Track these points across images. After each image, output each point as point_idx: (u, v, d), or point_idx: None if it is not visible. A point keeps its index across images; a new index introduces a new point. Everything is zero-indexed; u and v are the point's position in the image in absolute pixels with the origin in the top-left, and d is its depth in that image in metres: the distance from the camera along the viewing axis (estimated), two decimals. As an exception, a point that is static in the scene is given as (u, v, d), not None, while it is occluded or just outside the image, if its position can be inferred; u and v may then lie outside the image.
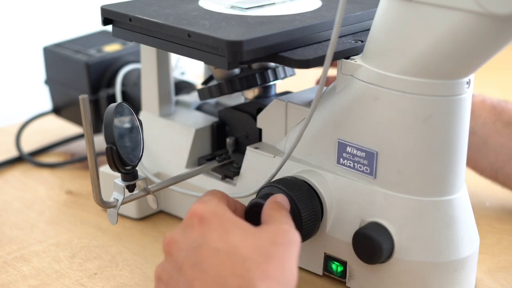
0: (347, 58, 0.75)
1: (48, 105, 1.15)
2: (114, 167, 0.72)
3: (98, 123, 1.05)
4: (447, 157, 0.72)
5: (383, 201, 0.74)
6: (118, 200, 0.75)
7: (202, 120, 0.92)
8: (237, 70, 0.87)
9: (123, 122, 0.73)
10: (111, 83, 1.05)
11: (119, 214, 0.77)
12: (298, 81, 0.98)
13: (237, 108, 0.88)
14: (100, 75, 1.05)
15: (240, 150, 0.88)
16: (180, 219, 0.91)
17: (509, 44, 0.67)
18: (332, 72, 0.97)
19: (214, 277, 0.60)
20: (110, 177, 0.84)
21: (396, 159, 0.73)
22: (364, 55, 0.74)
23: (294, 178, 0.77)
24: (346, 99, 0.74)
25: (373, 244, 0.72)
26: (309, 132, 0.77)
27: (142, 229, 0.90)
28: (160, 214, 0.93)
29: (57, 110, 1.12)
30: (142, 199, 0.80)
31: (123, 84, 1.04)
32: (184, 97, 0.97)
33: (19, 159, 1.08)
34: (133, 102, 1.00)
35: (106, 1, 0.85)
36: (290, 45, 0.75)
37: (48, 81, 1.11)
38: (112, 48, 1.08)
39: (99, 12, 0.83)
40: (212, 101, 0.97)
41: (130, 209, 0.91)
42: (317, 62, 0.73)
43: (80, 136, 1.13)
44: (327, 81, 0.99)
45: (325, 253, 0.79)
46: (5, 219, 0.93)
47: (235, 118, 0.88)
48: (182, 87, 1.00)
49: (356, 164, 0.75)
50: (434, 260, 0.73)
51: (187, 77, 1.05)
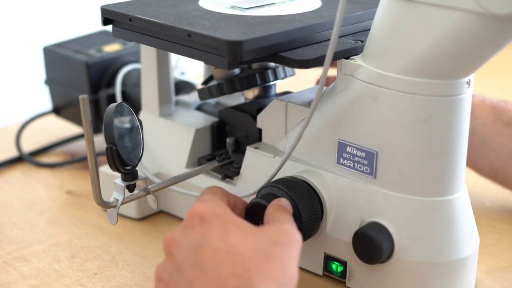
0: (347, 58, 0.75)
1: (48, 105, 1.15)
2: (114, 167, 0.72)
3: (98, 123, 1.05)
4: (447, 157, 0.72)
5: (383, 201, 0.74)
6: (118, 200, 0.75)
7: (202, 120, 0.92)
8: (237, 70, 0.87)
9: (123, 122, 0.73)
10: (111, 83, 1.05)
11: (119, 214, 0.77)
12: (298, 81, 0.98)
13: (237, 108, 0.88)
14: (100, 75, 1.05)
15: (240, 150, 0.88)
16: (180, 219, 0.91)
17: (509, 44, 0.67)
18: (332, 72, 0.97)
19: (214, 277, 0.60)
20: (110, 177, 0.84)
21: (396, 159, 0.73)
22: (364, 55, 0.74)
23: (294, 178, 0.77)
24: (346, 99, 0.74)
25: (373, 244, 0.72)
26: (309, 132, 0.77)
27: (142, 229, 0.90)
28: (160, 214, 0.93)
29: (57, 110, 1.12)
30: (142, 199, 0.80)
31: (123, 84, 1.04)
32: (184, 97, 0.97)
33: (19, 159, 1.08)
34: (133, 102, 1.00)
35: (106, 1, 0.85)
36: (290, 45, 0.75)
37: (48, 81, 1.11)
38: (112, 48, 1.08)
39: (99, 12, 0.83)
40: (212, 101, 0.97)
41: (130, 209, 0.91)
42: (317, 62, 0.73)
43: (80, 136, 1.13)
44: (327, 81, 0.99)
45: (325, 253, 0.79)
46: (5, 219, 0.93)
47: (235, 118, 0.88)
48: (182, 87, 1.00)
49: (356, 164, 0.75)
50: (434, 260, 0.73)
51: (187, 77, 1.04)
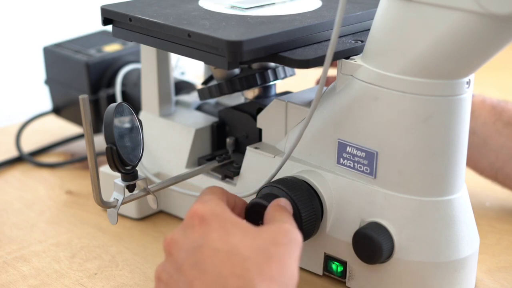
0: (347, 58, 0.75)
1: (48, 105, 1.15)
2: (114, 167, 0.72)
3: (98, 123, 1.05)
4: (447, 157, 0.72)
5: (383, 201, 0.74)
6: (118, 200, 0.75)
7: (202, 120, 0.92)
8: (237, 70, 0.87)
9: (123, 122, 0.73)
10: (111, 83, 1.05)
11: (119, 214, 0.77)
12: (298, 81, 0.98)
13: (237, 108, 0.88)
14: (100, 75, 1.05)
15: (240, 150, 0.88)
16: (180, 219, 0.91)
17: (509, 44, 0.67)
18: (332, 72, 0.97)
19: (214, 277, 0.60)
20: (110, 177, 0.84)
21: (396, 159, 0.73)
22: (364, 55, 0.74)
23: (294, 178, 0.77)
24: (346, 99, 0.74)
25: (373, 244, 0.72)
26: (309, 132, 0.77)
27: (142, 229, 0.90)
28: (160, 214, 0.93)
29: (57, 110, 1.12)
30: (142, 199, 0.80)
31: (123, 84, 1.04)
32: (184, 97, 0.97)
33: (19, 159, 1.08)
34: (133, 102, 1.00)
35: (106, 1, 0.85)
36: (290, 45, 0.75)
37: (48, 81, 1.11)
38: (112, 48, 1.08)
39: (99, 12, 0.83)
40: (212, 101, 0.97)
41: (130, 209, 0.91)
42: (317, 62, 0.73)
43: (80, 136, 1.13)
44: (327, 81, 0.99)
45: (325, 253, 0.79)
46: (5, 219, 0.93)
47: (235, 118, 0.88)
48: (182, 87, 1.00)
49: (356, 164, 0.75)
50: (434, 260, 0.73)
51: (187, 77, 1.04)
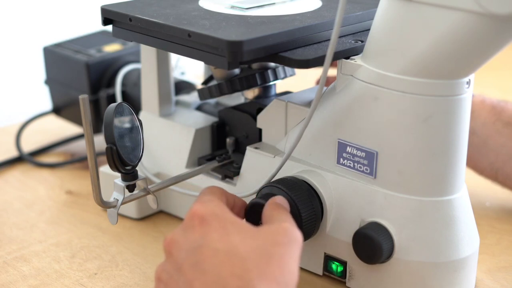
0: (347, 58, 0.75)
1: (48, 105, 1.15)
2: (114, 167, 0.72)
3: (98, 123, 1.05)
4: (447, 157, 0.72)
5: (383, 201, 0.74)
6: (118, 200, 0.75)
7: (202, 120, 0.92)
8: (237, 70, 0.87)
9: (123, 122, 0.73)
10: (111, 83, 1.05)
11: (119, 214, 0.77)
12: (298, 81, 0.98)
13: (237, 108, 0.88)
14: (100, 75, 1.05)
15: (240, 150, 0.88)
16: (180, 219, 0.91)
17: (509, 44, 0.67)
18: (332, 72, 0.97)
19: (214, 278, 0.60)
20: (110, 177, 0.84)
21: (396, 159, 0.73)
22: (364, 55, 0.74)
23: (294, 178, 0.77)
24: (346, 99, 0.74)
25: (373, 244, 0.72)
26: (309, 132, 0.77)
27: (142, 229, 0.90)
28: (160, 214, 0.93)
29: (57, 110, 1.12)
30: (142, 199, 0.80)
31: (123, 84, 1.04)
32: (184, 97, 0.97)
33: (19, 159, 1.08)
34: (133, 102, 1.00)
35: (106, 1, 0.85)
36: (290, 45, 0.75)
37: (48, 81, 1.11)
38: (112, 48, 1.08)
39: (99, 12, 0.83)
40: (212, 101, 0.97)
41: (130, 209, 0.91)
42: (317, 62, 0.73)
43: (80, 136, 1.13)
44: (327, 81, 0.99)
45: (325, 253, 0.79)
46: (5, 219, 0.93)
47: (235, 118, 0.88)
48: (182, 87, 1.00)
49: (356, 164, 0.75)
50: (434, 260, 0.73)
51: (187, 77, 1.04)
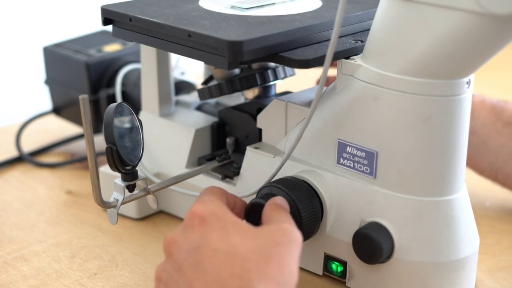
0: (347, 58, 0.75)
1: (48, 105, 1.15)
2: (114, 167, 0.72)
3: (98, 123, 1.05)
4: (447, 157, 0.72)
5: (383, 201, 0.74)
6: (118, 200, 0.75)
7: (202, 120, 0.92)
8: (237, 70, 0.87)
9: (123, 122, 0.73)
10: (111, 83, 1.05)
11: (119, 214, 0.77)
12: (298, 81, 0.98)
13: (237, 108, 0.88)
14: (100, 75, 1.05)
15: (240, 150, 0.88)
16: (180, 219, 0.91)
17: (509, 44, 0.67)
18: (332, 72, 0.97)
19: (214, 278, 0.60)
20: (110, 177, 0.84)
21: (396, 159, 0.73)
22: (364, 55, 0.74)
23: (294, 178, 0.77)
24: (346, 99, 0.74)
25: (373, 244, 0.72)
26: (309, 132, 0.77)
27: (142, 229, 0.90)
28: (160, 214, 0.93)
29: (57, 110, 1.12)
30: (142, 199, 0.80)
31: (123, 84, 1.04)
32: (184, 97, 0.97)
33: (19, 159, 1.08)
34: (133, 102, 1.00)
35: (106, 1, 0.85)
36: (290, 45, 0.75)
37: (48, 81, 1.11)
38: (112, 48, 1.08)
39: (99, 12, 0.83)
40: (212, 101, 0.97)
41: (130, 209, 0.91)
42: (317, 62, 0.73)
43: (80, 136, 1.13)
44: (327, 81, 0.99)
45: (325, 253, 0.79)
46: (5, 219, 0.93)
47: (235, 118, 0.88)
48: (182, 87, 1.00)
49: (356, 164, 0.75)
50: (434, 260, 0.73)
51: (187, 77, 1.04)
